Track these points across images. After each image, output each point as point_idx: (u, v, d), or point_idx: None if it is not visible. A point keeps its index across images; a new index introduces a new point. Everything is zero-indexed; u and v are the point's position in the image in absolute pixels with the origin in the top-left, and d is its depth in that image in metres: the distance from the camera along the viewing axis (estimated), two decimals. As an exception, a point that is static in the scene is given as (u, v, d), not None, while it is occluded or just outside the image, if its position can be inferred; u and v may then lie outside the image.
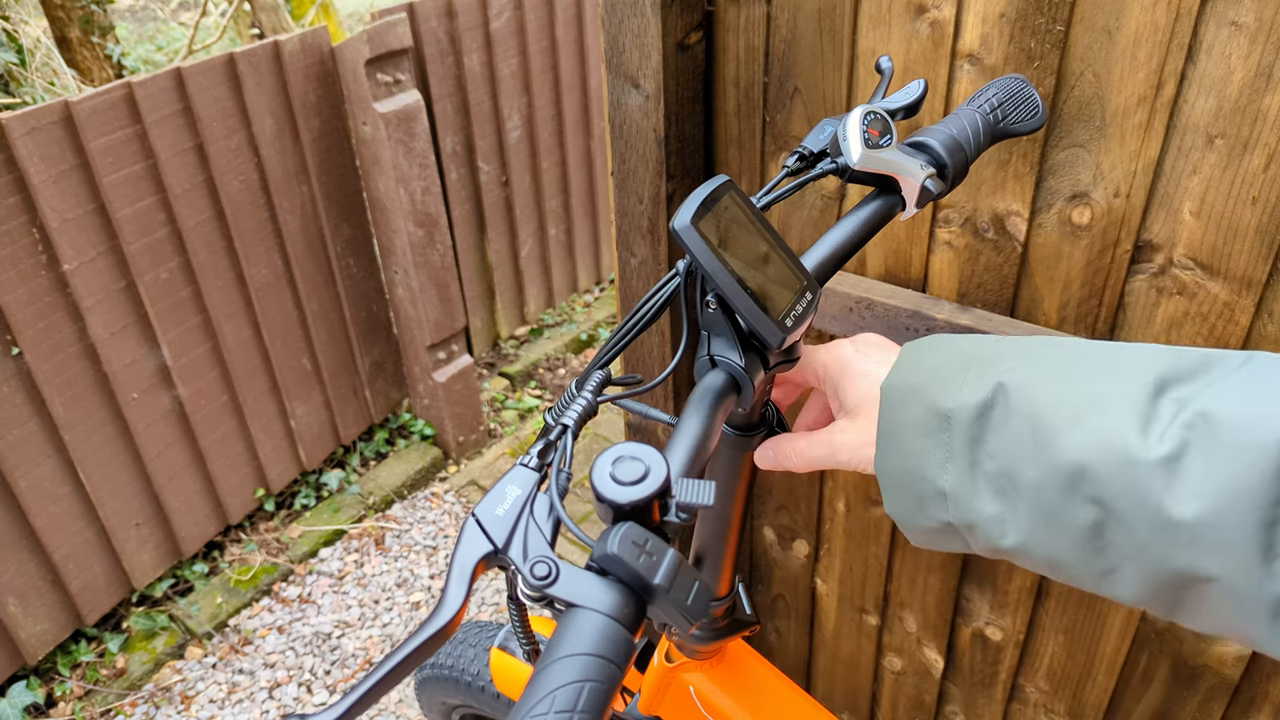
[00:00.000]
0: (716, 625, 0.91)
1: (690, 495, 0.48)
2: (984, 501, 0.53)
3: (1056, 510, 0.49)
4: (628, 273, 1.28)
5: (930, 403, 0.55)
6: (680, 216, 0.56)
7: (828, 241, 0.72)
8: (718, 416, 0.58)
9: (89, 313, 2.04)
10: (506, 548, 0.50)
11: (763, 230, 0.61)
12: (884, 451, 0.59)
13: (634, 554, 0.45)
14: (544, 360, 3.43)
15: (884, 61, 0.80)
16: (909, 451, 0.57)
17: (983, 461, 0.53)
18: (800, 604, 1.53)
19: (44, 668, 2.24)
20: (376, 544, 2.65)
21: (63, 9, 3.81)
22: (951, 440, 0.54)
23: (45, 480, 2.07)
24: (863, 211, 0.74)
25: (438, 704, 1.42)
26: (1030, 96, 0.80)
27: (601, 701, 0.42)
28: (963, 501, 0.54)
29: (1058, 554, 0.51)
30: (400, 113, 2.43)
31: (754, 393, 0.61)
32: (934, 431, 0.55)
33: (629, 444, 0.48)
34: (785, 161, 0.74)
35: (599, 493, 0.46)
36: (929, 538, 0.59)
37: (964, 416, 0.53)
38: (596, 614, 0.45)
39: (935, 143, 0.75)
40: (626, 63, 1.10)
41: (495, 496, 0.52)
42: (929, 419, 0.55)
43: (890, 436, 0.58)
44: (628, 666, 0.45)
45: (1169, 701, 1.13)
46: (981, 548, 0.55)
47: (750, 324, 0.59)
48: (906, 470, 0.57)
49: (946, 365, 0.57)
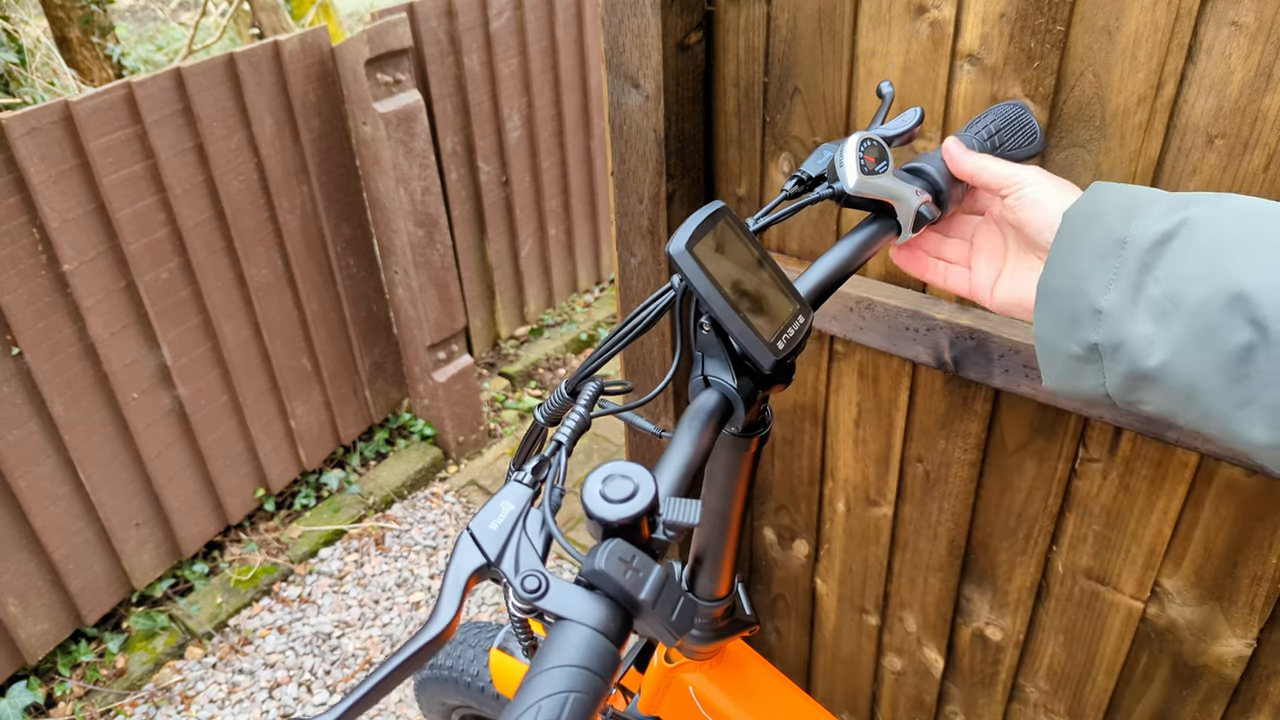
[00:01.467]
0: (716, 625, 0.91)
1: (677, 514, 0.50)
2: (1139, 322, 0.57)
3: (1213, 328, 0.53)
4: (628, 273, 1.28)
5: (1109, 229, 0.60)
6: (676, 241, 0.58)
7: (822, 266, 0.73)
8: (709, 437, 0.60)
9: (89, 313, 2.04)
10: (499, 561, 0.51)
11: (757, 255, 0.63)
12: (1052, 270, 0.64)
13: (621, 570, 0.47)
14: (544, 360, 3.43)
15: (885, 87, 0.82)
16: (1076, 272, 0.61)
17: (1148, 285, 0.57)
18: (800, 604, 1.53)
19: (44, 668, 2.24)
20: (376, 544, 2.65)
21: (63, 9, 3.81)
22: (1121, 264, 0.58)
23: (45, 480, 2.07)
24: (858, 236, 0.76)
25: (437, 704, 1.42)
26: (1029, 123, 0.82)
27: (585, 713, 0.43)
28: (1117, 320, 0.58)
29: (1200, 377, 0.54)
30: (400, 113, 2.43)
31: (746, 413, 0.63)
32: (1106, 255, 0.59)
33: (620, 462, 0.50)
34: (784, 185, 0.76)
35: (589, 510, 0.48)
36: (1065, 368, 0.63)
37: (1141, 243, 0.58)
38: (583, 627, 0.46)
39: (931, 169, 0.77)
40: (626, 62, 1.10)
41: (489, 511, 0.54)
42: (1104, 243, 0.60)
43: (1062, 257, 0.63)
44: (612, 679, 0.46)
45: (1169, 701, 1.13)
46: (1121, 372, 0.59)
47: (743, 347, 0.61)
48: (1070, 289, 0.61)
49: (1131, 200, 0.61)
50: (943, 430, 1.17)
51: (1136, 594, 1.09)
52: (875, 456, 1.27)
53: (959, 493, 1.20)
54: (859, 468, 1.30)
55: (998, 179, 0.72)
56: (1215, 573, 1.02)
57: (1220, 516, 0.98)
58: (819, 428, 1.32)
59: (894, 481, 1.27)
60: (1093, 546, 1.11)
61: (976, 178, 0.74)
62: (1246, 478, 0.95)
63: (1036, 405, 1.06)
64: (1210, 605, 1.04)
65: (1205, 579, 1.03)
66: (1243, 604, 1.01)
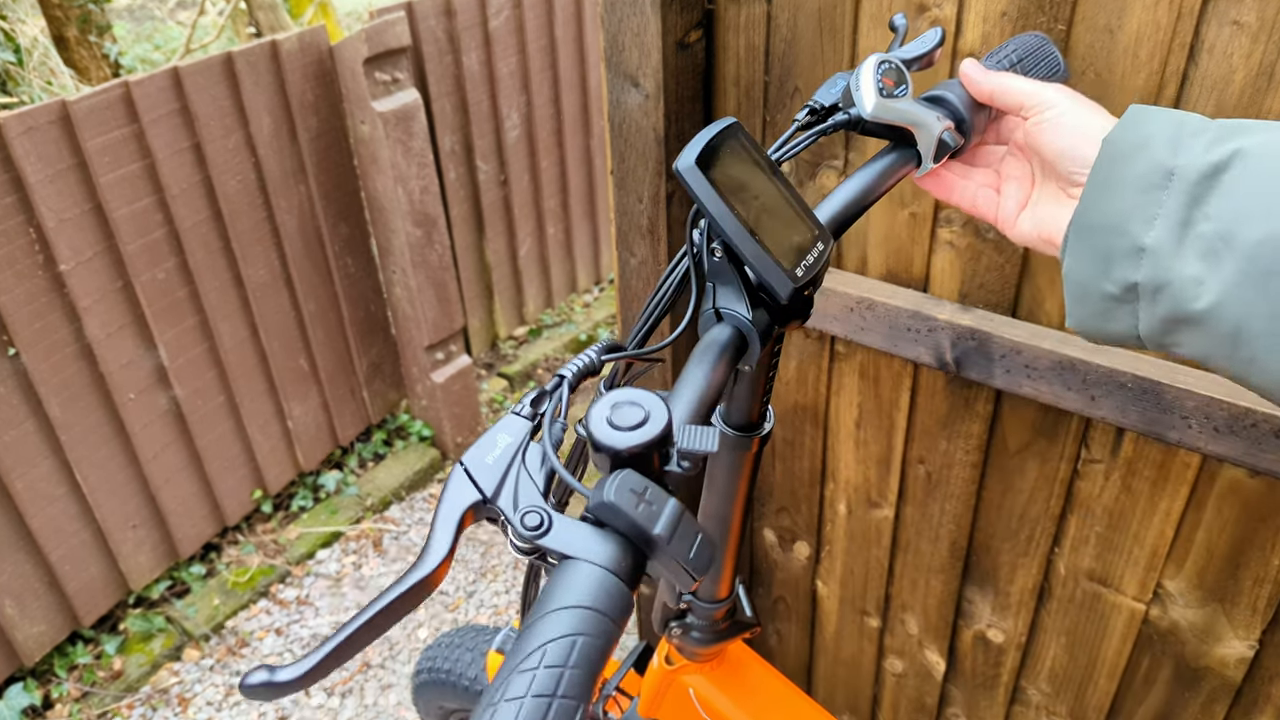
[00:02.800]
0: (717, 627, 0.91)
1: (693, 442, 0.46)
2: (1186, 261, 0.52)
3: (1272, 270, 0.49)
4: (627, 273, 1.27)
5: (1154, 159, 0.55)
6: (684, 157, 0.53)
7: (841, 194, 0.68)
8: (723, 369, 0.54)
9: (86, 313, 2.03)
10: (496, 497, 0.47)
11: (773, 177, 0.58)
12: (1088, 205, 0.58)
13: (633, 503, 0.42)
14: (543, 360, 3.43)
15: (898, 19, 0.76)
16: (1116, 208, 0.56)
17: (1197, 222, 0.52)
18: (801, 606, 1.53)
19: (41, 669, 2.23)
20: (374, 546, 2.65)
21: (60, 8, 3.80)
22: (1168, 198, 0.54)
23: (42, 481, 2.06)
24: (877, 164, 0.70)
25: (435, 708, 1.42)
26: (1051, 53, 0.75)
27: (596, 657, 0.39)
28: (1162, 259, 0.53)
29: (1251, 320, 0.50)
30: (398, 112, 2.42)
31: (760, 350, 0.57)
32: (1151, 188, 0.54)
33: (629, 389, 0.45)
34: (795, 115, 0.70)
35: (595, 439, 0.44)
36: (1096, 308, 0.58)
37: (1189, 175, 0.53)
38: (591, 565, 0.42)
39: (953, 96, 0.71)
40: (626, 61, 1.09)
41: (484, 444, 0.49)
42: (1149, 175, 0.55)
43: (1099, 189, 0.58)
44: (624, 623, 0.42)
45: (1171, 704, 1.13)
46: (1161, 314, 0.55)
47: (758, 273, 0.55)
48: (1108, 225, 0.56)
49: (1177, 127, 0.56)
50: (944, 431, 1.17)
51: (1138, 596, 1.09)
52: (876, 458, 1.27)
53: (960, 494, 1.19)
54: (860, 469, 1.30)
55: (1019, 97, 0.67)
56: (1217, 574, 1.01)
57: (1223, 518, 0.98)
58: (820, 429, 1.32)
59: (895, 483, 1.26)
60: (1095, 548, 1.10)
61: (997, 98, 0.69)
62: (1249, 479, 0.94)
63: (1038, 406, 1.06)
64: (1212, 607, 1.03)
65: (1207, 581, 1.02)
66: (1245, 606, 1.01)
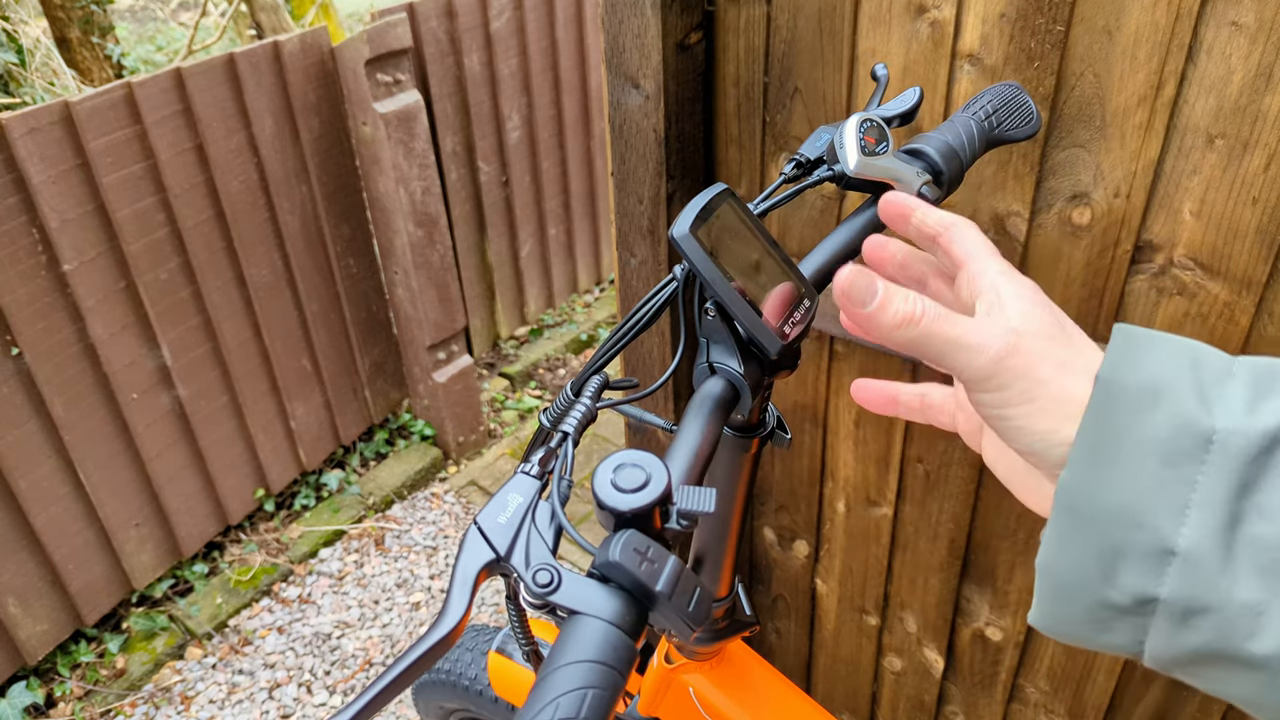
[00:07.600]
0: (716, 626, 0.91)
1: (691, 503, 0.48)
2: (1239, 579, 0.35)
3: None
4: (628, 273, 1.28)
5: (1182, 415, 0.37)
6: (679, 225, 0.56)
7: (825, 248, 0.72)
8: (717, 424, 0.58)
9: (89, 313, 2.04)
10: (509, 555, 0.50)
11: (760, 238, 0.62)
12: (1081, 478, 0.39)
13: (636, 561, 0.45)
14: (544, 361, 3.43)
15: (879, 69, 0.81)
16: (1127, 483, 0.38)
17: (1250, 518, 0.36)
18: (800, 604, 1.53)
19: (44, 668, 2.24)
20: (376, 544, 2.65)
21: (62, 9, 3.81)
22: (1206, 477, 0.36)
23: (45, 481, 2.07)
24: (860, 218, 0.74)
25: (435, 708, 1.42)
26: (1025, 104, 0.80)
27: (604, 708, 0.42)
28: (1204, 571, 0.36)
29: None
30: (400, 113, 2.43)
31: (752, 400, 0.62)
32: (1181, 459, 0.37)
33: (630, 451, 0.48)
34: (783, 169, 0.74)
35: (601, 500, 0.46)
36: (1089, 619, 0.40)
37: (1239, 444, 0.36)
38: (599, 621, 0.45)
39: (931, 149, 0.75)
40: (626, 63, 1.10)
41: (497, 504, 0.52)
42: (1176, 438, 0.37)
43: (1096, 454, 0.39)
44: (630, 673, 0.45)
45: (1168, 702, 1.13)
46: (1194, 644, 0.37)
47: (749, 332, 0.59)
48: (1115, 511, 0.38)
49: (1192, 364, 0.39)
50: (943, 431, 1.17)
51: (1137, 594, 1.09)
52: (875, 457, 1.27)
53: (959, 493, 1.20)
54: (859, 468, 1.30)
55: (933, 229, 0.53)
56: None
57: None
58: (819, 428, 1.32)
59: (894, 482, 1.27)
60: (1093, 547, 1.10)
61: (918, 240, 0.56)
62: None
63: (1037, 406, 1.06)
64: (1211, 606, 1.04)
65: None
66: (1243, 604, 1.01)
